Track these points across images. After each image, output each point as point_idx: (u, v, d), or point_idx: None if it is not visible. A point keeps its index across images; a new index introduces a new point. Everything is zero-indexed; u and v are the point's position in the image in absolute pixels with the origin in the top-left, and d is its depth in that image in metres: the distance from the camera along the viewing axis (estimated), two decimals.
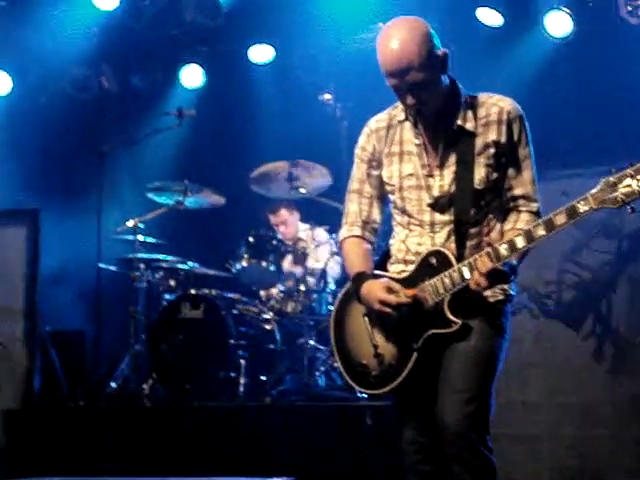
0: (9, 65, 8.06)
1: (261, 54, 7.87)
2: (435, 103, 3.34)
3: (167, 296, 6.98)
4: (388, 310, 3.33)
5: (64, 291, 7.67)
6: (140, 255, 6.98)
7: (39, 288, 6.67)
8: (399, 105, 3.48)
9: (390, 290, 3.34)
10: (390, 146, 3.49)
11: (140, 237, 7.03)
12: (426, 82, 3.26)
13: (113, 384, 6.74)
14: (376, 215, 3.59)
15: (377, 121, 3.56)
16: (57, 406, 6.53)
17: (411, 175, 3.43)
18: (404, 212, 3.47)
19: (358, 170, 3.60)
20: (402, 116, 3.47)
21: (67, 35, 7.67)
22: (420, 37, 3.24)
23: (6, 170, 7.88)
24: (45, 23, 7.58)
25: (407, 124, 3.46)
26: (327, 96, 7.19)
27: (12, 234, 6.70)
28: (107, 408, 6.44)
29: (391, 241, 3.58)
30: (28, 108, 8.18)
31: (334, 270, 6.89)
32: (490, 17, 7.01)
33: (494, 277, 3.20)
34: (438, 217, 3.39)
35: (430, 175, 3.40)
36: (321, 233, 7.13)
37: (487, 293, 3.30)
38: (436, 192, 3.38)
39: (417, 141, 3.43)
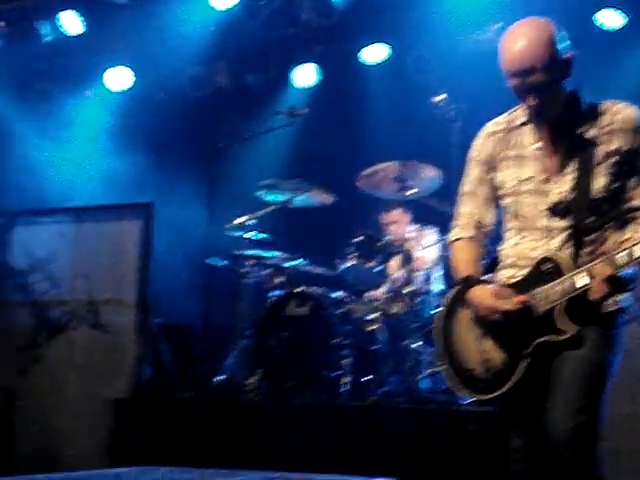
0: (131, 61, 8.28)
1: (374, 54, 7.87)
2: (556, 107, 3.28)
3: (274, 293, 7.03)
4: (496, 317, 3.29)
5: (175, 284, 7.82)
6: (249, 252, 7.07)
7: (151, 281, 6.81)
8: (518, 109, 3.45)
9: (499, 296, 3.30)
10: (507, 149, 3.45)
11: (249, 234, 7.11)
12: (548, 85, 3.21)
13: (220, 377, 6.83)
14: (488, 219, 3.56)
15: (495, 124, 3.53)
16: (165, 396, 6.66)
17: (528, 180, 3.38)
18: (517, 217, 3.42)
19: (472, 172, 3.57)
20: (522, 119, 3.43)
21: (185, 34, 7.84)
22: (547, 39, 3.21)
23: (122, 163, 8.08)
24: (165, 22, 7.77)
25: (527, 128, 3.42)
26: (440, 97, 7.12)
27: (127, 227, 6.85)
28: (213, 400, 6.53)
29: (500, 246, 3.54)
30: (147, 104, 8.39)
31: (441, 273, 6.83)
32: (611, 19, 6.85)
33: (613, 285, 3.13)
34: (554, 223, 3.33)
35: (548, 180, 3.35)
36: (429, 235, 7.09)
37: (600, 302, 3.22)
38: (554, 198, 3.32)
39: (537, 145, 3.37)
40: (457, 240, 3.58)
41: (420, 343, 6.52)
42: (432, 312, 6.60)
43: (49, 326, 6.88)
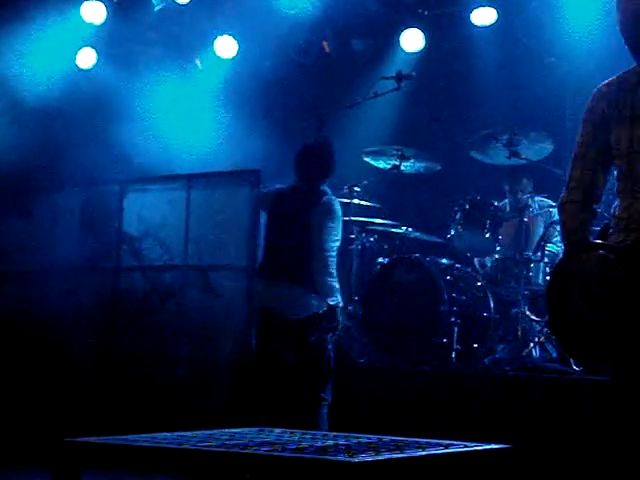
0: (235, 29, 8.33)
1: (484, 17, 7.72)
2: None
3: (380, 259, 7.03)
4: (604, 284, 3.21)
5: None
6: (355, 218, 7.07)
7: (260, 246, 6.87)
8: (631, 70, 3.34)
9: (607, 262, 3.22)
10: (621, 110, 3.35)
11: (356, 200, 7.10)
12: None
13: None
14: (600, 181, 3.47)
15: (608, 84, 3.44)
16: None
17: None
18: (630, 178, 3.33)
19: (585, 134, 3.48)
20: (636, 79, 3.32)
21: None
22: None
23: (230, 131, 8.16)
24: None
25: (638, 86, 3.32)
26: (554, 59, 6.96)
27: (236, 193, 6.93)
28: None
29: (613, 209, 3.45)
30: (252, 71, 8.43)
31: (553, 240, 6.70)
32: None
33: None
34: None
35: None
36: (541, 201, 6.95)
37: None
38: None
39: None
40: (566, 203, 3.50)
41: (531, 311, 6.43)
42: (544, 279, 6.50)
43: (161, 291, 7.03)
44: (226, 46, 8.43)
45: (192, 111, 8.28)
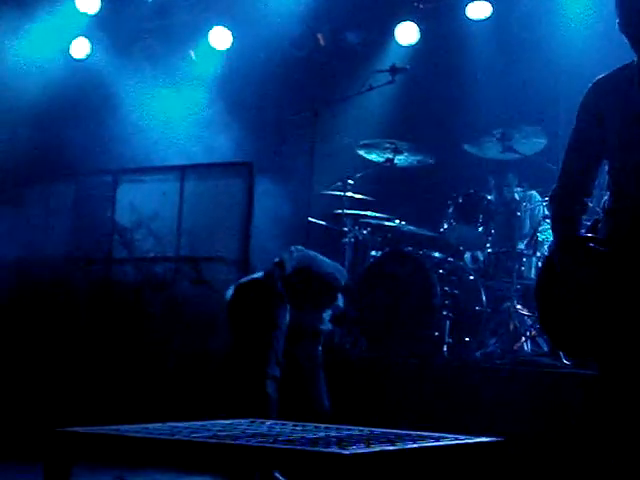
0: (230, 21, 8.32)
1: (479, 10, 7.72)
2: None
3: (373, 252, 7.03)
4: (593, 277, 3.22)
5: (274, 243, 7.87)
6: (348, 211, 7.07)
7: (251, 239, 6.88)
8: (628, 64, 3.36)
9: (596, 255, 3.23)
10: (615, 104, 3.37)
11: (349, 193, 7.10)
12: None
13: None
14: (591, 175, 3.50)
15: (603, 79, 3.46)
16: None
17: (634, 135, 3.29)
18: (620, 173, 3.34)
19: (578, 128, 3.50)
20: (632, 74, 3.34)
21: None
22: None
23: (223, 123, 8.14)
24: None
25: (634, 81, 3.33)
26: None
27: (229, 186, 6.92)
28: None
29: (603, 203, 3.46)
30: (246, 63, 8.41)
31: (545, 234, 6.71)
32: None
33: None
34: None
35: None
36: (534, 195, 6.96)
37: None
38: None
39: None
40: (558, 196, 3.51)
41: (522, 305, 6.45)
42: (536, 274, 6.51)
43: (153, 282, 7.02)
44: (220, 37, 8.42)
45: (186, 102, 8.27)
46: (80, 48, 8.46)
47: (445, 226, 6.77)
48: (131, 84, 8.25)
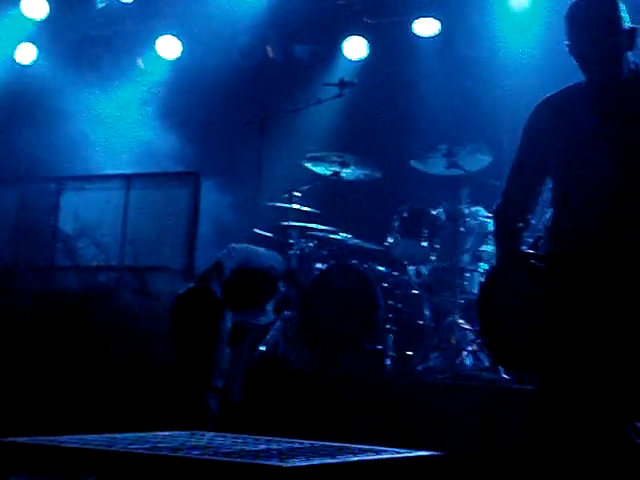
0: (179, 30, 8.29)
1: (427, 27, 7.79)
2: (618, 79, 3.24)
3: (319, 265, 7.04)
4: (534, 294, 3.27)
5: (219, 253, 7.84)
6: (294, 223, 7.07)
7: (197, 249, 6.84)
8: (574, 86, 3.42)
9: (537, 272, 3.28)
10: (560, 123, 3.42)
11: (295, 205, 7.11)
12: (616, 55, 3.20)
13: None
14: (535, 192, 3.56)
15: (549, 99, 3.52)
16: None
17: (579, 153, 3.35)
18: (562, 190, 3.40)
19: (524, 146, 3.55)
20: (577, 95, 3.40)
21: (236, 3, 7.82)
22: (611, 4, 3.18)
23: (170, 132, 8.11)
24: None
25: (581, 103, 3.38)
26: None
27: (174, 195, 6.89)
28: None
29: (545, 220, 3.52)
30: (195, 73, 8.39)
31: (488, 250, 6.78)
32: None
33: None
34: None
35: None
36: (477, 212, 7.03)
37: None
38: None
39: (589, 120, 3.34)
40: (501, 213, 3.56)
41: (465, 320, 6.51)
42: (477, 289, 6.57)
43: (96, 291, 6.95)
44: (169, 47, 8.39)
45: (132, 111, 8.22)
46: (26, 54, 8.37)
47: (390, 240, 6.80)
48: (77, 91, 8.17)
